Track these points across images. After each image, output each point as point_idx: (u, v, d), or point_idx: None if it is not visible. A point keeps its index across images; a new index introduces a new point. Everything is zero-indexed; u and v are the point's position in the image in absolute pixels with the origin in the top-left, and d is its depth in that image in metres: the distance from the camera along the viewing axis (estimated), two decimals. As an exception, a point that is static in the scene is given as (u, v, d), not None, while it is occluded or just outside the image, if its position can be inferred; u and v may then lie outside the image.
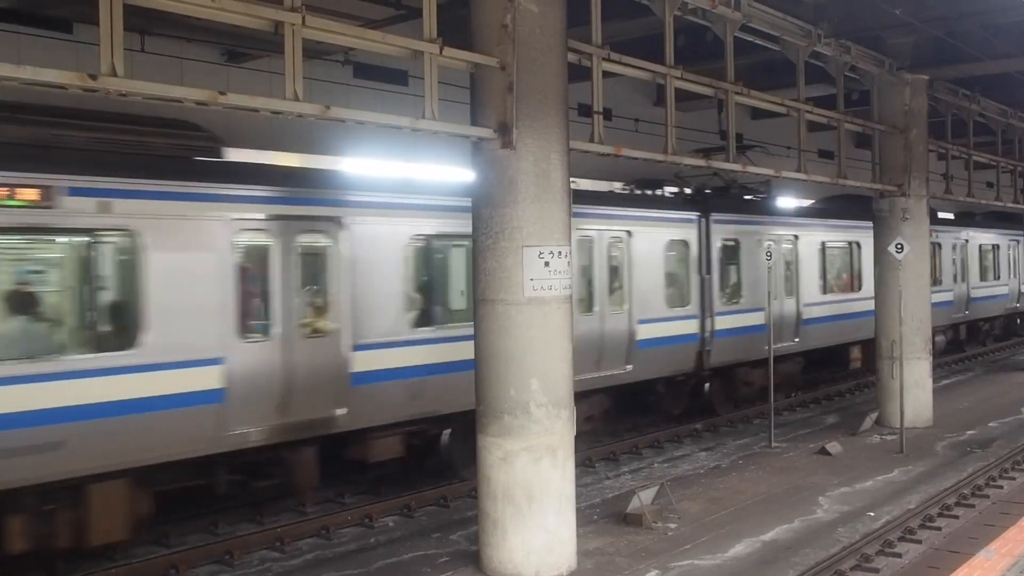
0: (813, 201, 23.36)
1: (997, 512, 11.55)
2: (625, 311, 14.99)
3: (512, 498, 9.20)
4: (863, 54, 15.77)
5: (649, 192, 17.01)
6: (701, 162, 12.35)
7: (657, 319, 15.45)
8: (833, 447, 14.75)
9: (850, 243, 21.11)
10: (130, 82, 6.91)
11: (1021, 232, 30.97)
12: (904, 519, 11.01)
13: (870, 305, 17.67)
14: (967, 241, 27.07)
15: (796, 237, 19.12)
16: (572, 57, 10.03)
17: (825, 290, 20.02)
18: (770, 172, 13.89)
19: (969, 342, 28.36)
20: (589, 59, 10.44)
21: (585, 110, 11.12)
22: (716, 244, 16.92)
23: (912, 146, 16.83)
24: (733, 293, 17.55)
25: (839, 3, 14.38)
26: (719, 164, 12.70)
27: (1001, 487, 12.69)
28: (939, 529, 10.87)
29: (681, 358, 16.18)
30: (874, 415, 16.81)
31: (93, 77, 6.72)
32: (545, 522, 9.25)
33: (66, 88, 6.73)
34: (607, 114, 11.72)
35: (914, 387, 16.48)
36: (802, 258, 19.18)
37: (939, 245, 24.63)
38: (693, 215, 16.58)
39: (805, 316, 19.03)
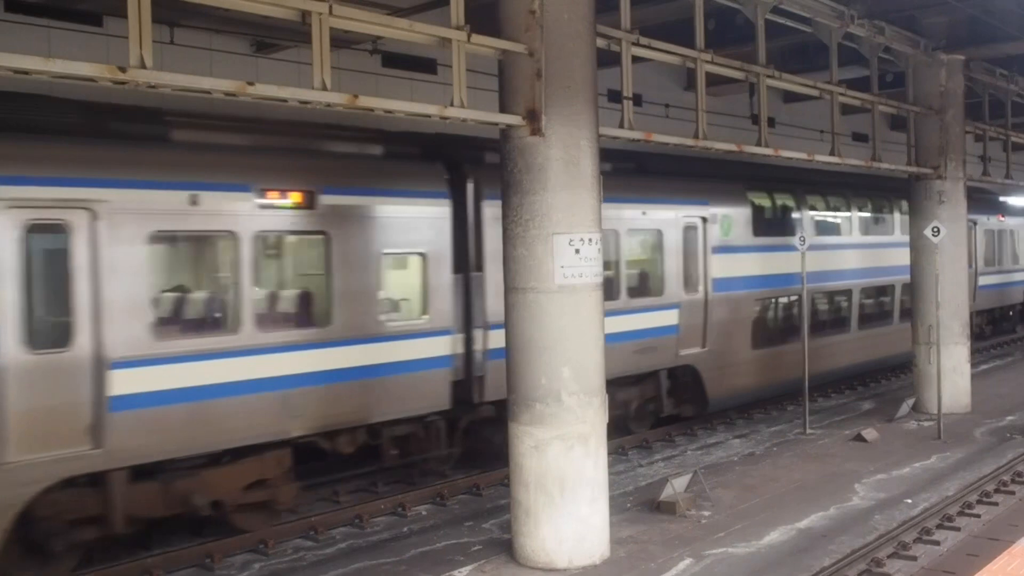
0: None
1: (1038, 499, 11.40)
2: None
3: (544, 487, 9.18)
4: (897, 35, 15.51)
5: None
6: (733, 147, 12.22)
7: None
8: (869, 433, 14.60)
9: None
10: (159, 74, 6.94)
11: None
12: (942, 506, 10.88)
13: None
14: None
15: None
16: (601, 42, 9.95)
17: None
18: (803, 155, 13.72)
19: None
20: (618, 44, 10.36)
21: (615, 96, 11.03)
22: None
23: (948, 128, 16.58)
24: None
25: (872, -17, 14.19)
26: (752, 149, 12.56)
27: (1042, 473, 12.50)
28: (978, 516, 10.73)
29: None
30: (911, 401, 16.62)
31: (123, 70, 6.75)
32: (578, 511, 9.22)
33: (96, 81, 6.76)
34: (637, 100, 11.65)
35: (952, 372, 16.27)
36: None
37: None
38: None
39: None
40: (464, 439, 12.56)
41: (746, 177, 16.76)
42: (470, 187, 12.08)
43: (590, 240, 9.26)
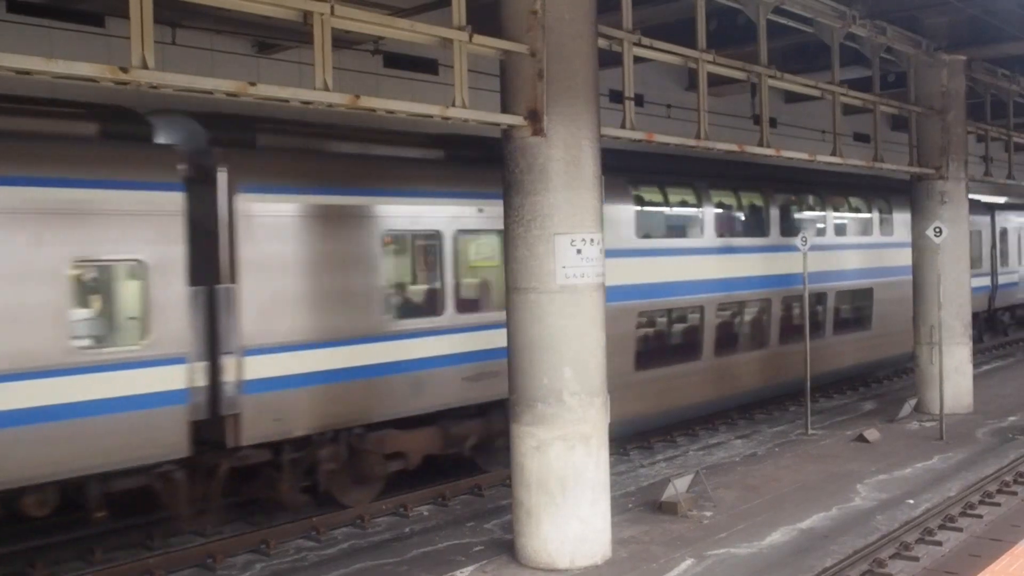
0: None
1: (1040, 499, 11.39)
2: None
3: (546, 487, 9.18)
4: (899, 35, 15.50)
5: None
6: (734, 147, 12.22)
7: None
8: (871, 434, 14.59)
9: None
10: (161, 74, 6.94)
11: None
12: (944, 507, 10.87)
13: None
14: None
15: None
16: (603, 43, 9.95)
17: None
18: (804, 156, 13.71)
19: None
20: (620, 44, 10.36)
21: (616, 96, 11.04)
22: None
23: (950, 128, 16.57)
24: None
25: (874, -17, 14.19)
26: (753, 149, 12.56)
27: (1044, 474, 12.49)
28: (980, 517, 10.73)
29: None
30: (913, 401, 16.61)
31: (124, 70, 6.76)
32: (579, 511, 9.22)
33: (97, 81, 6.77)
34: (639, 100, 11.63)
35: (954, 373, 16.27)
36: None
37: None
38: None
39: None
40: (225, 489, 10.37)
41: (631, 169, 14.28)
42: (222, 177, 9.81)
43: (592, 240, 9.26)
